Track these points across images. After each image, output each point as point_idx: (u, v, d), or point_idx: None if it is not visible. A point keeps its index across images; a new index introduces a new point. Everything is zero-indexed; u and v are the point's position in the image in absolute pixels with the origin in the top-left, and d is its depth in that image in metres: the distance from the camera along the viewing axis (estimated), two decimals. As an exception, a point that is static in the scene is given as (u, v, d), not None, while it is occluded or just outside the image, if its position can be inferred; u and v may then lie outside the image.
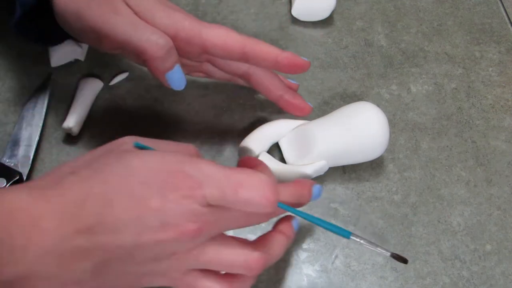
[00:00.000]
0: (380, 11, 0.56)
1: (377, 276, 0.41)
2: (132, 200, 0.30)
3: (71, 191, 0.30)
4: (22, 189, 0.30)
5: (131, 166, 0.31)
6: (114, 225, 0.30)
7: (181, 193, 0.31)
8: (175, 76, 0.39)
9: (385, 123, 0.43)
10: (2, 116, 0.46)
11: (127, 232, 0.30)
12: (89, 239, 0.29)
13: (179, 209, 0.31)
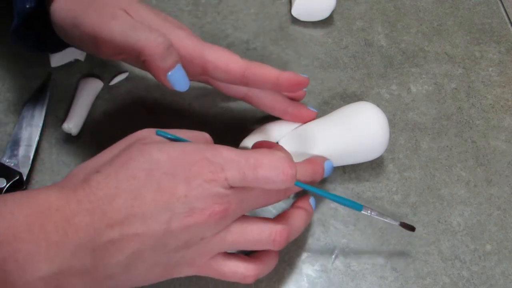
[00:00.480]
0: (380, 11, 0.56)
1: (377, 276, 0.41)
2: (159, 191, 0.32)
3: (99, 189, 0.31)
4: (52, 190, 0.31)
5: (154, 158, 0.32)
6: (144, 216, 0.31)
7: (205, 178, 0.32)
8: (177, 75, 0.38)
9: (385, 123, 0.43)
10: (2, 116, 0.46)
11: (157, 221, 0.31)
12: (121, 232, 0.31)
13: (204, 194, 0.32)
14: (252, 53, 0.52)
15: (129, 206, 0.31)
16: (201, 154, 0.33)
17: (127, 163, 0.32)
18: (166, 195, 0.32)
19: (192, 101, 0.48)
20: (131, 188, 0.31)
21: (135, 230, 0.31)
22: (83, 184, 0.31)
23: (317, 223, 0.43)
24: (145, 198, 0.31)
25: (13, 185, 0.42)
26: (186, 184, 0.32)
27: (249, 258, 0.36)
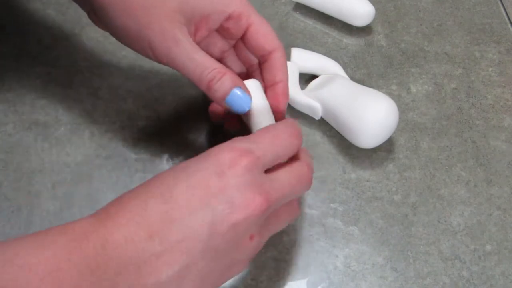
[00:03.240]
0: (380, 11, 0.56)
1: (377, 276, 0.41)
2: (192, 190, 0.30)
3: (130, 202, 0.30)
4: (87, 217, 0.31)
5: (183, 162, 0.32)
6: (181, 219, 0.29)
7: (239, 165, 0.31)
8: (234, 100, 0.37)
9: (396, 113, 0.44)
10: (2, 116, 0.46)
11: (197, 222, 0.30)
12: (163, 242, 0.29)
13: (242, 182, 0.30)
14: (252, 53, 0.52)
15: (163, 211, 0.29)
16: (226, 144, 0.32)
17: (155, 176, 0.32)
18: (199, 191, 0.30)
19: (192, 101, 0.48)
20: (161, 191, 0.30)
21: (176, 237, 0.29)
22: (114, 202, 0.31)
23: (317, 223, 0.43)
24: (177, 199, 0.30)
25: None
26: (219, 175, 0.30)
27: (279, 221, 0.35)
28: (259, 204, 0.30)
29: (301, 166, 0.35)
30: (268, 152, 0.32)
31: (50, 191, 0.43)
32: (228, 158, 0.31)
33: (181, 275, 0.29)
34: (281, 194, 0.32)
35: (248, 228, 0.31)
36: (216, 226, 0.30)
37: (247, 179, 0.31)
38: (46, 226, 0.41)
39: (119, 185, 0.43)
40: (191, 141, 0.46)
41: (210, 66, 0.37)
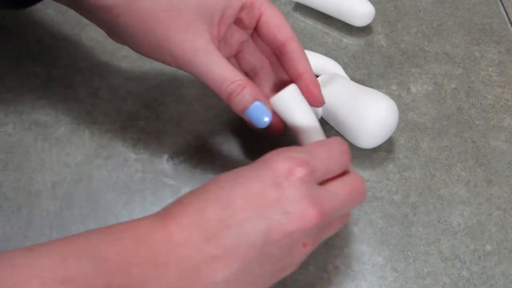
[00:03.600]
0: (380, 11, 0.56)
1: (377, 276, 0.41)
2: (249, 198, 0.31)
3: (190, 205, 0.32)
4: (150, 216, 0.32)
5: (241, 169, 0.33)
6: (237, 225, 0.31)
7: (295, 176, 0.31)
8: (254, 113, 0.38)
9: (396, 113, 0.44)
10: (2, 116, 0.46)
11: (253, 229, 0.31)
12: (219, 246, 0.30)
13: (298, 194, 0.31)
14: (252, 53, 0.52)
15: (221, 217, 0.31)
16: (282, 153, 0.33)
17: (214, 180, 0.33)
18: (256, 200, 0.31)
19: (192, 101, 0.48)
20: (219, 197, 0.31)
21: (233, 243, 0.30)
22: (175, 203, 0.32)
23: (317, 223, 0.43)
24: (234, 205, 0.31)
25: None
26: (276, 186, 0.31)
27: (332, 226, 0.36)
28: (314, 217, 0.31)
29: (354, 179, 0.35)
30: (322, 165, 0.33)
31: (50, 191, 0.43)
32: (285, 168, 0.32)
33: (236, 278, 0.31)
34: (336, 207, 0.33)
35: (302, 238, 0.32)
36: (270, 235, 0.31)
37: (303, 190, 0.31)
38: (46, 226, 0.41)
39: (119, 185, 0.43)
40: (191, 141, 0.46)
41: (230, 79, 0.37)
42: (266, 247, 0.31)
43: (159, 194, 0.43)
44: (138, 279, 0.29)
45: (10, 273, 0.27)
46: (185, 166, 0.45)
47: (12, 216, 0.41)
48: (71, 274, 0.28)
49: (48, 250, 0.29)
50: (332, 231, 0.36)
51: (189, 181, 0.44)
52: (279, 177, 0.31)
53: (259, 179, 0.32)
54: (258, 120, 0.38)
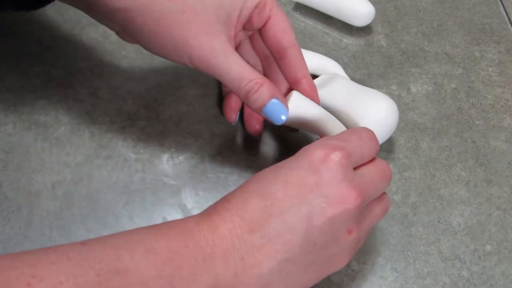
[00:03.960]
0: (380, 11, 0.56)
1: (377, 276, 0.41)
2: (289, 186, 0.32)
3: (233, 198, 0.33)
4: (194, 215, 0.33)
5: (281, 162, 0.34)
6: (280, 213, 0.31)
7: (332, 160, 0.33)
8: (273, 108, 0.38)
9: (396, 113, 0.44)
10: (2, 116, 0.46)
11: (295, 216, 0.31)
12: (263, 235, 0.31)
13: (336, 177, 0.32)
14: (252, 53, 0.52)
15: (263, 206, 0.32)
16: (317, 142, 0.34)
17: (256, 175, 0.34)
18: (296, 188, 0.32)
19: (192, 101, 0.48)
20: (261, 188, 0.32)
21: (276, 231, 0.31)
22: (219, 201, 0.34)
23: (317, 223, 0.43)
24: (276, 195, 0.32)
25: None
26: (314, 172, 0.32)
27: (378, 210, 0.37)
28: (354, 199, 0.32)
29: (382, 163, 0.37)
30: (356, 150, 0.34)
31: (50, 191, 0.43)
32: (322, 154, 0.33)
33: (281, 268, 0.31)
34: (371, 189, 0.34)
35: (345, 222, 0.32)
36: (312, 220, 0.31)
37: (340, 174, 0.33)
38: (46, 226, 0.41)
39: (119, 185, 0.43)
40: (191, 141, 0.46)
41: (248, 77, 0.37)
42: (309, 233, 0.32)
43: (159, 194, 0.43)
44: (187, 271, 0.30)
45: (67, 265, 0.28)
46: (185, 166, 0.45)
47: (12, 216, 0.41)
48: (124, 266, 0.29)
49: (101, 244, 0.30)
50: (376, 218, 0.36)
51: (189, 181, 0.44)
52: (316, 162, 0.33)
53: (298, 167, 0.33)
54: (275, 118, 0.38)
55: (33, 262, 0.28)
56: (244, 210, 0.32)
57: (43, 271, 0.27)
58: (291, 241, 0.31)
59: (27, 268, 0.28)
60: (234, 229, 0.31)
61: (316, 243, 0.32)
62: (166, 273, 0.29)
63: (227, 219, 0.32)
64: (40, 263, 0.28)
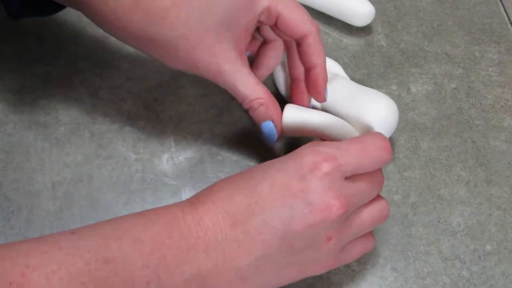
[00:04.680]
0: (380, 11, 0.56)
1: (377, 276, 0.41)
2: (274, 188, 0.33)
3: (220, 191, 0.34)
4: (181, 202, 0.34)
5: (271, 162, 0.35)
6: (262, 213, 0.32)
7: (320, 170, 0.33)
8: (266, 129, 0.41)
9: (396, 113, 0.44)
10: (2, 116, 0.46)
11: (276, 218, 0.32)
12: (244, 232, 0.32)
13: (321, 186, 0.33)
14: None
15: (247, 204, 0.33)
16: (310, 147, 0.34)
17: (248, 170, 0.35)
18: (281, 190, 0.33)
19: (192, 101, 0.48)
20: (248, 185, 0.33)
21: (257, 229, 0.32)
22: (206, 190, 0.35)
23: (317, 223, 0.43)
24: (261, 194, 0.33)
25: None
26: (301, 178, 0.33)
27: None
28: (336, 209, 0.33)
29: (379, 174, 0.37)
30: (352, 160, 0.34)
31: (50, 191, 0.43)
32: (311, 162, 0.33)
33: (259, 264, 0.33)
34: (356, 198, 0.35)
35: (325, 229, 0.33)
36: (292, 224, 0.32)
37: (326, 183, 0.33)
38: (46, 226, 0.41)
39: (119, 185, 0.43)
40: (191, 141, 0.46)
41: (250, 96, 0.40)
42: (287, 236, 0.32)
43: (159, 194, 0.43)
44: (172, 260, 0.31)
45: (58, 254, 0.29)
46: (185, 166, 0.45)
47: (12, 216, 0.41)
48: (112, 255, 0.30)
49: (90, 232, 0.31)
50: (363, 225, 0.36)
51: (189, 181, 0.44)
52: (304, 169, 0.33)
53: (285, 171, 0.33)
54: (268, 137, 0.41)
55: (26, 251, 0.30)
56: (229, 204, 0.33)
57: (36, 261, 0.29)
58: (269, 240, 0.32)
59: (21, 258, 0.29)
60: (217, 222, 0.32)
61: (294, 246, 0.33)
62: (152, 263, 0.31)
63: (212, 211, 0.33)
64: (32, 252, 0.29)
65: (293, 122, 0.42)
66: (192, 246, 0.32)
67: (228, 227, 0.32)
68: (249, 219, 0.32)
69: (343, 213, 0.33)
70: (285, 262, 0.33)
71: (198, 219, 0.32)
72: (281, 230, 0.32)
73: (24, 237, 0.40)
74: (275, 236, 0.32)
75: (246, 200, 0.33)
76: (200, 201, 0.34)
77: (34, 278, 0.28)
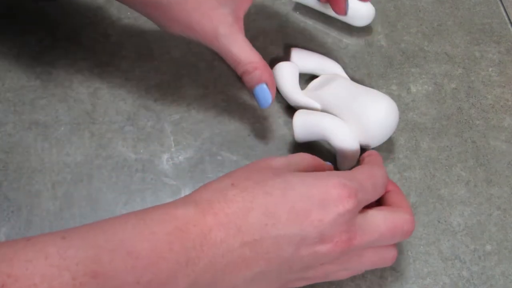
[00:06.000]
0: (380, 11, 0.56)
1: (377, 276, 0.41)
2: (293, 213, 0.32)
3: (235, 202, 0.32)
4: (189, 203, 0.32)
5: (290, 181, 0.33)
6: (276, 236, 0.32)
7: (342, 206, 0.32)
8: (260, 92, 0.41)
9: (396, 113, 0.43)
10: (2, 116, 0.46)
11: (288, 242, 0.32)
12: (252, 250, 0.31)
13: (339, 221, 0.32)
14: (252, 53, 0.52)
15: (263, 224, 0.31)
16: (337, 177, 0.34)
17: (263, 181, 0.33)
18: (300, 217, 0.32)
19: (192, 101, 0.48)
20: (266, 204, 0.32)
21: (266, 249, 0.32)
22: (219, 197, 0.32)
23: (317, 223, 0.43)
24: (280, 217, 0.32)
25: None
26: (322, 208, 0.32)
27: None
28: (342, 242, 0.33)
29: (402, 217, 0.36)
30: (367, 198, 0.35)
31: (50, 191, 0.43)
32: (337, 196, 0.33)
33: (254, 278, 0.32)
34: (369, 237, 0.34)
35: (324, 259, 0.33)
36: (300, 250, 0.32)
37: (345, 219, 0.33)
38: (46, 226, 0.41)
39: (119, 185, 0.43)
40: (191, 141, 0.46)
41: (244, 60, 0.40)
42: (292, 259, 0.32)
43: (159, 194, 0.43)
44: (167, 275, 0.29)
45: (43, 264, 0.27)
46: (185, 166, 0.45)
47: (12, 216, 0.41)
48: (102, 269, 0.28)
49: (82, 240, 0.29)
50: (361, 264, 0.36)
51: (189, 181, 0.44)
52: (328, 200, 0.32)
53: (309, 196, 0.32)
54: (261, 101, 0.42)
55: (11, 257, 0.27)
56: (244, 221, 0.31)
57: (19, 271, 0.27)
58: (273, 259, 0.32)
59: (4, 265, 0.27)
60: (227, 238, 0.31)
61: (292, 268, 0.33)
62: (144, 279, 0.29)
63: (223, 226, 0.31)
64: (16, 259, 0.27)
65: (304, 127, 0.43)
66: (192, 260, 0.30)
67: (238, 245, 0.31)
68: (262, 238, 0.31)
69: (347, 248, 0.33)
70: (277, 279, 0.33)
71: (205, 232, 0.31)
72: (288, 253, 0.32)
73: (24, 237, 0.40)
74: (280, 257, 0.32)
75: (262, 220, 0.31)
76: (211, 209, 0.31)
77: None
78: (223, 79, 0.50)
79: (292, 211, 0.32)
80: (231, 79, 0.50)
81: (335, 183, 0.33)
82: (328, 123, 0.43)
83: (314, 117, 0.44)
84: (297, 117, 0.44)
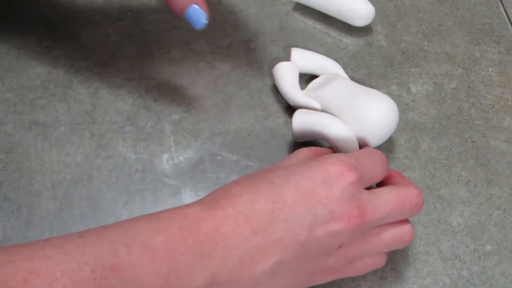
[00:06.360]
0: (380, 11, 0.56)
1: (377, 276, 0.41)
2: (298, 195, 0.32)
3: (239, 197, 0.33)
4: (196, 204, 0.33)
5: (291, 168, 0.34)
6: (286, 220, 0.32)
7: (344, 180, 0.33)
8: (192, 12, 0.39)
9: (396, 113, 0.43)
10: (2, 116, 0.46)
11: (300, 225, 0.32)
12: (266, 238, 0.32)
13: (345, 196, 0.33)
14: (252, 53, 0.52)
15: (270, 210, 0.32)
16: (334, 156, 0.35)
17: (265, 174, 0.34)
18: (307, 198, 0.32)
19: (192, 101, 0.48)
20: (270, 191, 0.33)
21: (279, 235, 0.32)
22: (222, 193, 0.33)
23: (317, 223, 0.43)
24: (285, 200, 0.32)
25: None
26: (326, 186, 0.33)
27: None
28: (354, 217, 0.33)
29: (409, 190, 0.37)
30: (368, 172, 0.35)
31: (50, 191, 0.43)
32: (337, 171, 0.33)
33: (274, 269, 0.32)
34: (381, 212, 0.34)
35: (341, 239, 0.33)
36: (313, 231, 0.32)
37: (351, 192, 0.33)
38: (46, 226, 0.41)
39: (119, 185, 0.43)
40: (191, 141, 0.46)
41: None
42: (307, 241, 0.32)
43: (159, 194, 0.43)
44: (184, 268, 0.30)
45: (63, 260, 0.28)
46: (185, 166, 0.45)
47: (12, 216, 0.41)
48: (120, 263, 0.29)
49: (98, 237, 0.30)
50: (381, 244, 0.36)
51: (189, 181, 0.44)
52: (331, 177, 0.33)
53: (311, 177, 0.33)
54: (195, 22, 0.39)
55: (30, 255, 0.28)
56: (251, 211, 0.32)
57: (40, 266, 0.28)
58: (289, 246, 0.32)
59: (24, 263, 0.28)
60: (237, 228, 0.31)
61: (309, 252, 0.33)
62: (163, 270, 0.29)
63: (232, 217, 0.32)
64: (36, 257, 0.28)
65: (303, 126, 0.43)
66: (207, 253, 0.31)
67: (249, 233, 0.31)
68: (272, 225, 0.32)
69: (360, 224, 0.33)
70: (297, 267, 0.33)
71: (216, 226, 0.31)
72: (302, 236, 0.32)
73: (24, 237, 0.41)
74: (295, 242, 0.32)
75: (269, 206, 0.32)
76: (219, 205, 0.32)
77: (37, 285, 0.27)
78: (223, 79, 0.50)
79: (297, 193, 0.32)
80: (231, 79, 0.50)
81: (333, 161, 0.34)
82: (327, 123, 0.43)
83: (313, 117, 0.44)
84: (296, 117, 0.44)
